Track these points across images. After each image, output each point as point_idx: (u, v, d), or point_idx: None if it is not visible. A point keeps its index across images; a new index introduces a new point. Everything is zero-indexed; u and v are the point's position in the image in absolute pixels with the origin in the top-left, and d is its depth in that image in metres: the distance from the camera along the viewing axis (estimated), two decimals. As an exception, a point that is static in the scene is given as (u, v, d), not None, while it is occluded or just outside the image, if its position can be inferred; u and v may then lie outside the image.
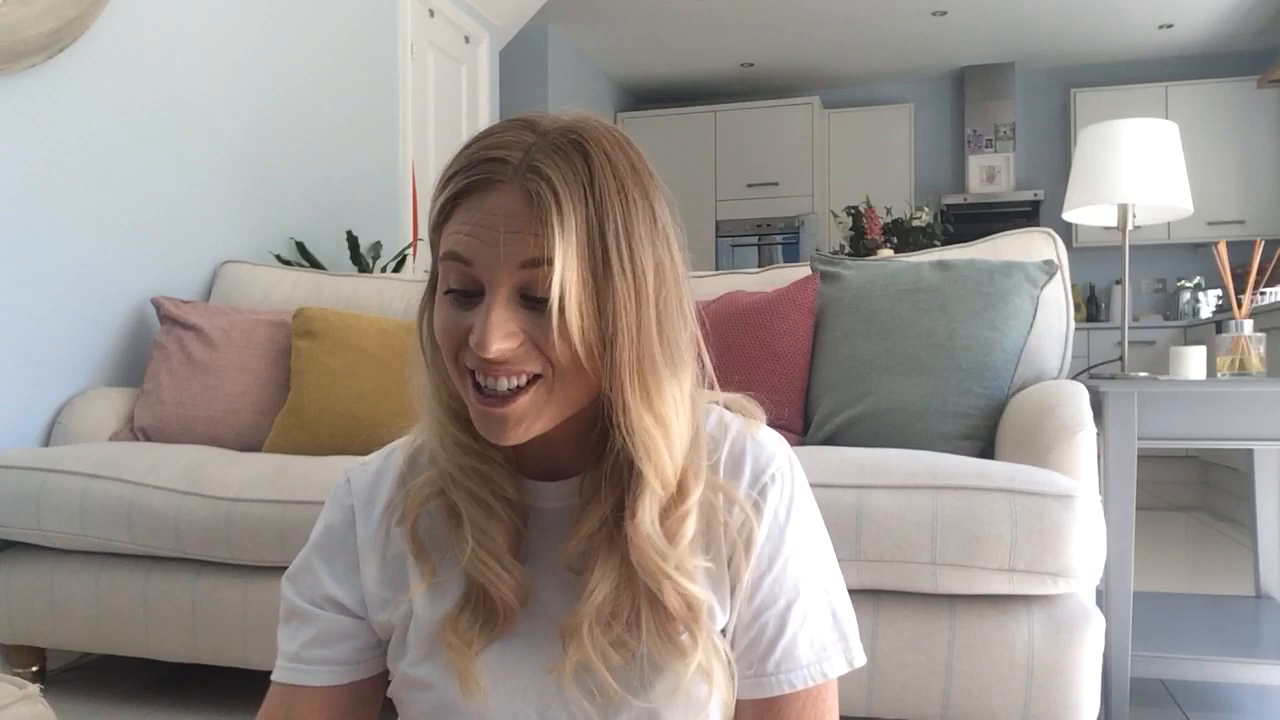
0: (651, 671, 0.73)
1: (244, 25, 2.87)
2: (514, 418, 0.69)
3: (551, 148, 0.68)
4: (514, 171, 0.68)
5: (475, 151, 0.70)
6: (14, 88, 2.17)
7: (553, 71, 5.69)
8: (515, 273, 0.67)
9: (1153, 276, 6.32)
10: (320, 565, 0.83)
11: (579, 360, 0.68)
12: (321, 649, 0.82)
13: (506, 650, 0.76)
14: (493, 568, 0.74)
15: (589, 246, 0.67)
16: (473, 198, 0.69)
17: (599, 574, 0.72)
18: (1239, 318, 2.06)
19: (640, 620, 0.72)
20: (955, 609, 1.50)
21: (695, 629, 0.72)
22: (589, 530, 0.73)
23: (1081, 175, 2.23)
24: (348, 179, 3.39)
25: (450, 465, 0.76)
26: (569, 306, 0.66)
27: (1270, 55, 6.01)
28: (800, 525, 0.78)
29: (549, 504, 0.78)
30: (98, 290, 2.38)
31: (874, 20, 5.68)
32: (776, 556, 0.76)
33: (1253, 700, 1.98)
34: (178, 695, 2.03)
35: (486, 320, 0.67)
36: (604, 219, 0.67)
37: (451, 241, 0.69)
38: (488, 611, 0.75)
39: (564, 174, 0.67)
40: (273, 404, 2.23)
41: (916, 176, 6.65)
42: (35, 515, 1.88)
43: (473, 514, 0.74)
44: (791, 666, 0.76)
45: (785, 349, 1.95)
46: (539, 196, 0.66)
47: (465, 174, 0.69)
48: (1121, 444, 1.76)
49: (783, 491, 0.77)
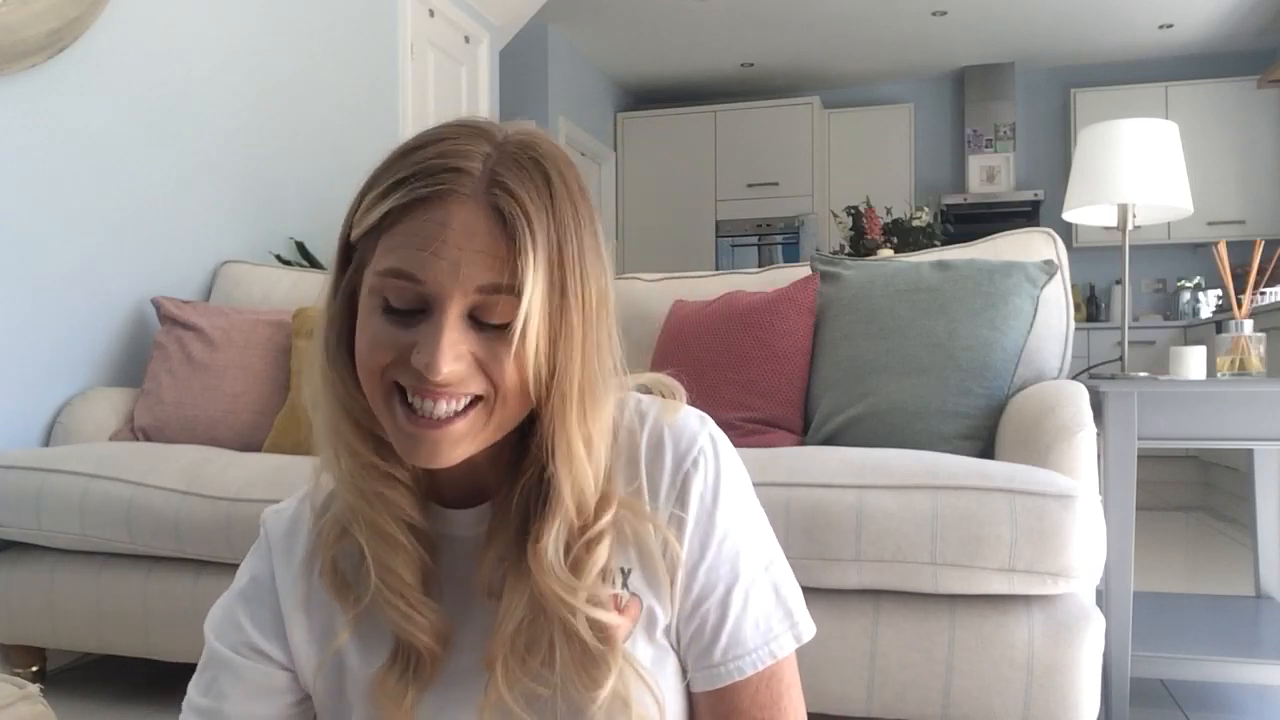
0: (565, 707, 0.69)
1: (244, 25, 2.87)
2: (449, 440, 0.65)
3: (513, 163, 0.65)
4: (476, 185, 0.64)
5: (430, 158, 0.65)
6: (14, 88, 2.17)
7: (553, 71, 5.69)
8: (470, 295, 0.63)
9: (1153, 276, 6.32)
10: (245, 618, 0.77)
11: (518, 386, 0.65)
12: (247, 702, 0.75)
13: (439, 692, 0.72)
14: (400, 608, 0.69)
15: (549, 272, 0.64)
16: (427, 208, 0.63)
17: (507, 602, 0.68)
18: (1239, 318, 2.06)
19: (554, 653, 0.68)
20: (955, 609, 1.50)
21: (610, 658, 0.68)
22: (497, 554, 0.70)
23: (1081, 175, 2.23)
24: (348, 179, 3.36)
25: (350, 491, 0.70)
26: (530, 331, 0.63)
27: (1270, 55, 6.01)
28: (729, 505, 0.73)
29: (465, 532, 0.74)
30: (98, 290, 2.37)
31: (874, 20, 5.68)
32: (709, 542, 0.72)
33: (1253, 700, 1.98)
34: (178, 695, 2.02)
35: (438, 342, 0.62)
36: (564, 244, 0.65)
37: (399, 257, 0.63)
38: (414, 660, 0.71)
39: (529, 194, 0.64)
40: (273, 404, 2.23)
41: (916, 176, 6.65)
42: (35, 515, 1.88)
43: (375, 548, 0.69)
44: (739, 653, 0.73)
45: (785, 349, 1.95)
46: (510, 217, 0.63)
47: (419, 181, 0.64)
48: (1121, 444, 1.76)
49: (706, 474, 0.73)
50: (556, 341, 0.65)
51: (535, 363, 0.64)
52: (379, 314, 0.65)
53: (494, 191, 0.64)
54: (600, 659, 0.68)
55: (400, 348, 0.64)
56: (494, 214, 0.63)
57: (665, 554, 0.72)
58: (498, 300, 0.63)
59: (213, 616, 0.79)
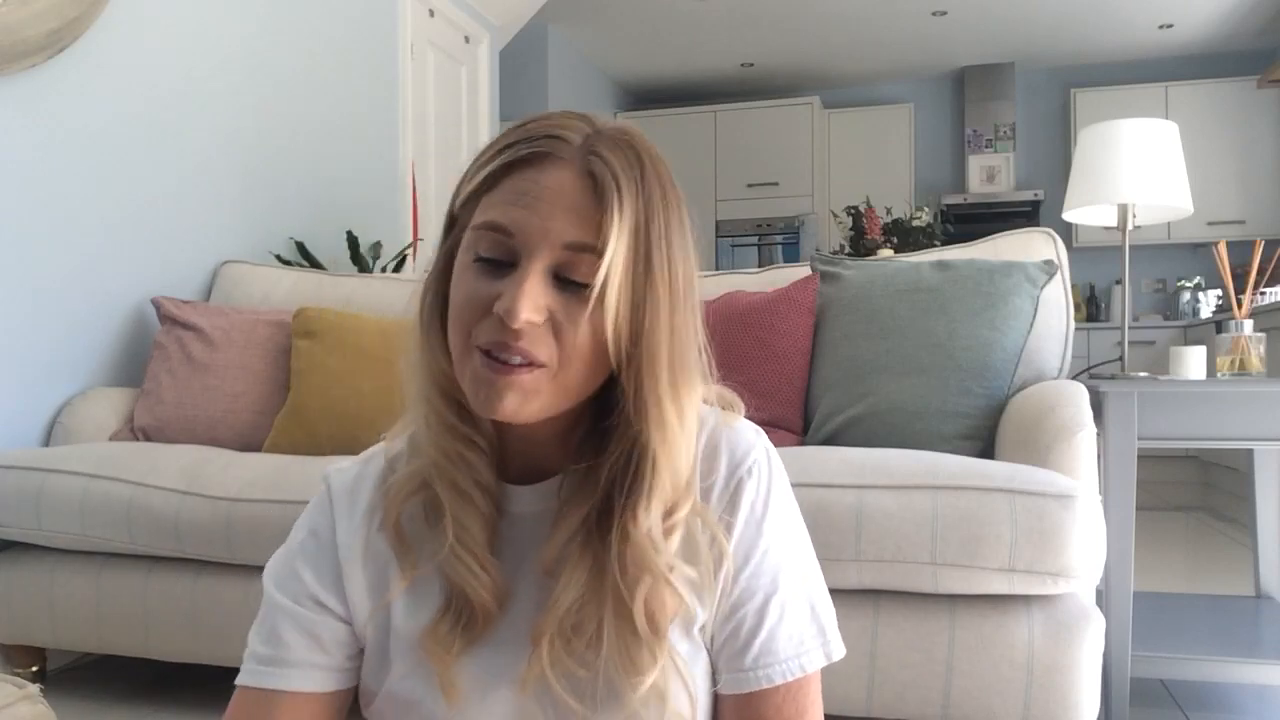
0: (605, 690, 0.71)
1: (244, 25, 2.87)
2: (517, 390, 0.67)
3: (609, 141, 0.70)
4: (575, 152, 0.69)
5: (534, 127, 0.70)
6: (14, 88, 2.17)
7: (553, 71, 5.69)
8: (557, 251, 0.67)
9: (1153, 276, 6.32)
10: (305, 570, 0.79)
11: (589, 353, 0.68)
12: (309, 652, 0.77)
13: (484, 657, 0.74)
14: (470, 566, 0.72)
15: (635, 240, 0.68)
16: (527, 169, 0.68)
17: (566, 579, 0.71)
18: (1239, 318, 2.06)
19: (603, 635, 0.70)
20: (955, 609, 1.50)
21: (657, 647, 0.70)
22: (568, 532, 0.72)
23: (1081, 175, 2.23)
24: (348, 179, 3.39)
25: (434, 449, 0.74)
26: (609, 293, 0.66)
27: (1270, 55, 6.01)
28: (777, 518, 0.76)
29: (525, 508, 0.77)
30: (98, 290, 2.38)
31: (874, 20, 5.68)
32: (754, 550, 0.75)
33: (1253, 700, 1.98)
34: (178, 695, 2.03)
35: (520, 288, 0.66)
36: (650, 218, 0.69)
37: (496, 212, 0.68)
38: (468, 616, 0.73)
39: (621, 165, 0.68)
40: (273, 404, 2.23)
41: (916, 176, 6.65)
42: (35, 515, 1.88)
43: (454, 506, 0.73)
44: (769, 661, 0.74)
45: (785, 349, 1.95)
46: (601, 179, 0.67)
47: (524, 145, 0.69)
48: (1121, 444, 1.76)
49: (759, 484, 0.75)
50: (640, 308, 0.68)
51: (615, 326, 0.67)
52: (471, 268, 0.69)
53: (589, 158, 0.68)
54: (647, 646, 0.70)
55: (487, 300, 0.68)
56: (586, 178, 0.68)
57: (712, 550, 0.74)
58: (582, 259, 0.67)
59: (273, 570, 0.81)
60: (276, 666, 0.77)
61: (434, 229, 4.08)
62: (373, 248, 3.26)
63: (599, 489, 0.72)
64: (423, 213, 3.95)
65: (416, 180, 3.86)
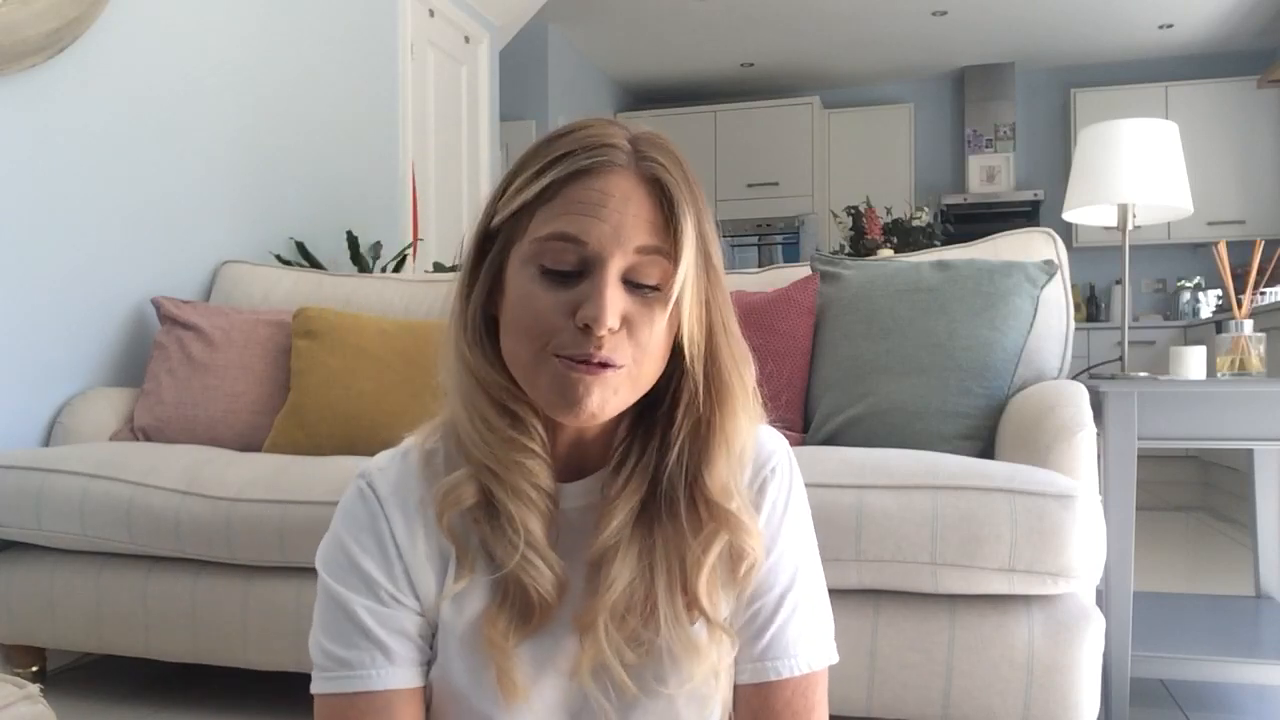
0: (670, 663, 0.74)
1: (244, 25, 2.87)
2: (602, 386, 0.70)
3: (650, 145, 0.73)
4: (628, 158, 0.71)
5: (583, 137, 0.71)
6: (14, 88, 2.17)
7: (553, 71, 5.68)
8: (629, 256, 0.69)
9: (1153, 276, 6.32)
10: (375, 570, 0.77)
11: (661, 351, 0.72)
12: (400, 647, 0.77)
13: (536, 647, 0.76)
14: (536, 565, 0.74)
15: (696, 239, 0.71)
16: (586, 178, 0.70)
17: (619, 565, 0.74)
18: (1239, 318, 2.06)
19: (658, 613, 0.73)
20: (955, 609, 1.50)
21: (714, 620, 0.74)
22: (620, 522, 0.75)
23: (1081, 175, 2.23)
24: (348, 179, 3.39)
25: (488, 458, 0.74)
26: (686, 295, 0.70)
27: (1270, 55, 6.01)
28: (795, 519, 0.81)
29: (573, 503, 0.79)
30: (98, 290, 2.38)
31: (874, 20, 5.68)
32: (772, 547, 0.78)
33: (1253, 700, 1.98)
34: (178, 695, 2.03)
35: (603, 296, 0.68)
36: (702, 217, 0.72)
37: (562, 222, 0.69)
38: (524, 608, 0.75)
39: (673, 168, 0.71)
40: (273, 404, 2.23)
41: (916, 176, 6.65)
42: (35, 515, 1.88)
43: (516, 509, 0.74)
44: (780, 654, 0.78)
45: (785, 349, 1.95)
46: (666, 184, 0.70)
47: (579, 155, 0.70)
48: (1121, 444, 1.76)
49: (780, 485, 0.80)
50: (708, 303, 0.73)
51: (690, 324, 0.71)
52: (537, 281, 0.71)
53: (645, 164, 0.71)
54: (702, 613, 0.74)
55: (562, 311, 0.70)
56: (647, 183, 0.71)
57: None
58: (652, 262, 0.70)
59: (337, 574, 0.78)
60: (362, 669, 0.76)
61: (434, 229, 4.09)
62: (373, 248, 3.26)
63: (647, 477, 0.76)
64: (423, 213, 3.95)
65: (416, 180, 3.86)
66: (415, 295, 2.45)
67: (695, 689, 0.75)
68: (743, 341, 0.77)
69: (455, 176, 4.33)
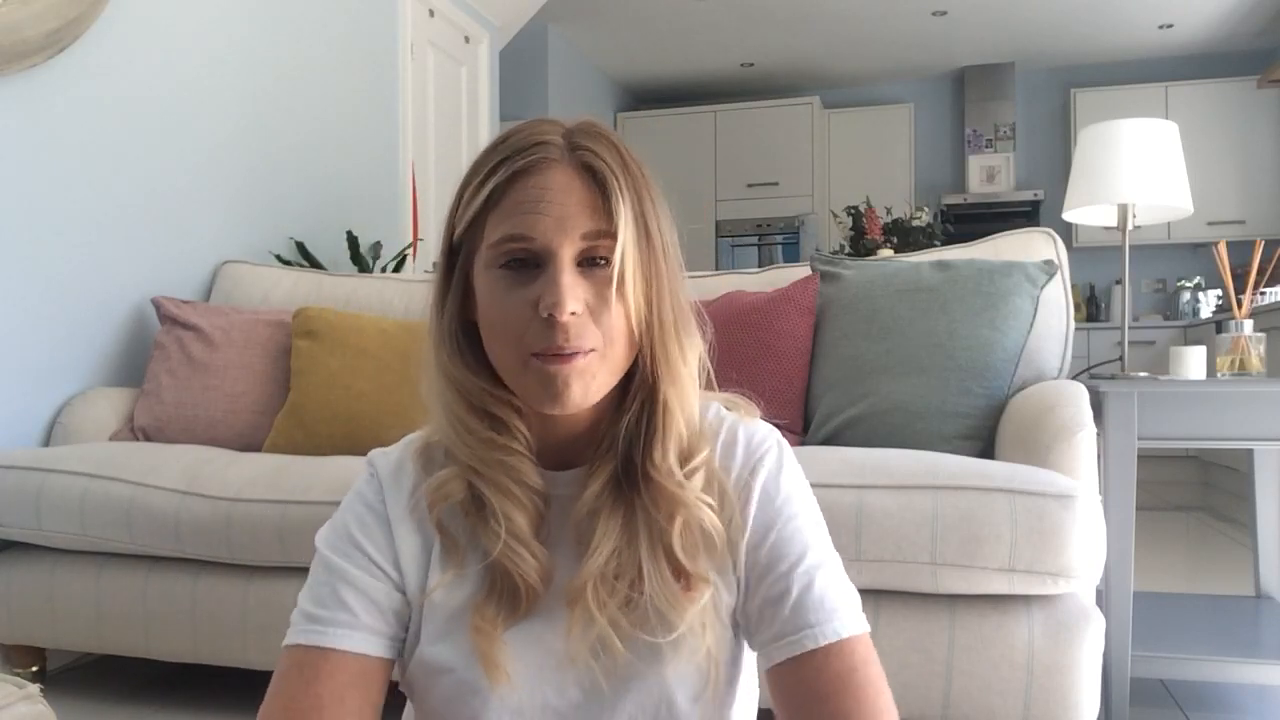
0: (657, 618, 0.76)
1: (244, 25, 2.87)
2: (579, 375, 0.72)
3: (584, 134, 0.76)
4: (561, 151, 0.74)
5: (515, 141, 0.75)
6: (14, 88, 2.17)
7: (553, 71, 5.68)
8: (576, 243, 0.72)
9: (1153, 276, 6.31)
10: (363, 538, 0.81)
11: (624, 329, 0.74)
12: (365, 614, 0.79)
13: (525, 630, 0.78)
14: (520, 553, 0.77)
15: (635, 217, 0.74)
16: (525, 178, 0.73)
17: (601, 531, 0.77)
18: (1239, 318, 2.06)
19: (643, 575, 0.76)
20: (955, 609, 1.50)
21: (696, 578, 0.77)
22: (595, 490, 0.78)
23: (1081, 175, 2.23)
24: (348, 179, 3.39)
25: (474, 460, 0.78)
26: (628, 270, 0.73)
27: (1270, 55, 6.01)
28: (792, 496, 0.82)
29: (562, 491, 0.81)
30: (98, 290, 2.38)
31: (874, 20, 5.68)
32: (771, 525, 0.80)
33: (1253, 700, 1.98)
34: (178, 695, 2.03)
35: (559, 283, 0.71)
36: (642, 196, 0.75)
37: (509, 224, 0.73)
38: (511, 596, 0.78)
39: (607, 153, 0.74)
40: (273, 404, 2.23)
41: (916, 176, 6.65)
42: (35, 515, 1.88)
43: (500, 503, 0.77)
44: (799, 625, 0.76)
45: (785, 349, 1.95)
46: (599, 170, 0.73)
47: (515, 159, 0.74)
48: (1121, 444, 1.76)
49: (770, 467, 0.82)
50: (650, 280, 0.75)
51: (635, 298, 0.74)
52: (501, 283, 0.74)
53: (578, 153, 0.74)
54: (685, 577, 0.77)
55: (527, 306, 0.73)
56: (582, 171, 0.74)
57: (729, 529, 0.79)
58: (599, 245, 0.73)
59: (327, 537, 0.83)
60: (331, 626, 0.78)
61: (434, 229, 4.09)
62: (373, 248, 3.26)
63: (617, 447, 0.79)
64: (423, 213, 3.95)
65: (416, 180, 3.86)
66: (415, 295, 2.45)
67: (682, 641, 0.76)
68: (691, 319, 0.79)
69: (455, 177, 4.25)
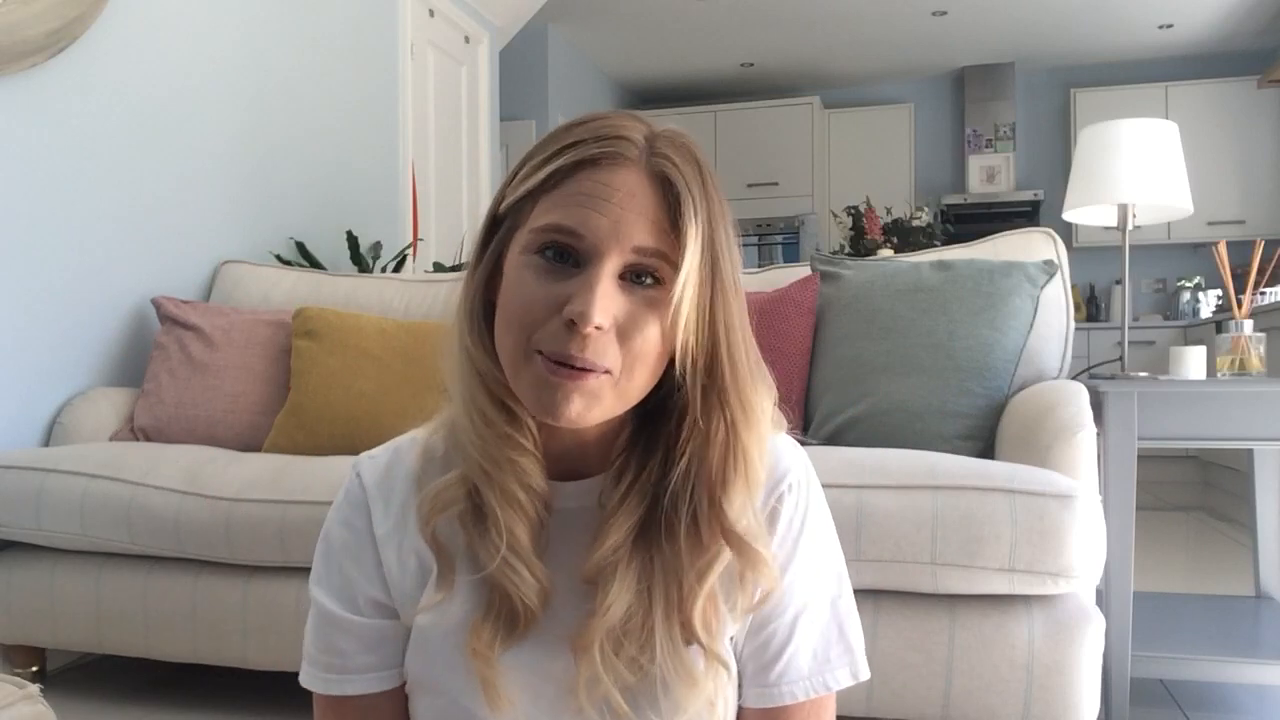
0: (663, 692, 0.71)
1: (244, 25, 2.87)
2: (583, 393, 0.66)
3: (669, 143, 0.69)
4: (640, 153, 0.67)
5: (596, 126, 0.68)
6: (14, 88, 2.17)
7: (553, 71, 5.68)
8: (626, 254, 0.66)
9: (1153, 276, 6.31)
10: (351, 567, 0.78)
11: (654, 359, 0.68)
12: (367, 656, 0.78)
13: (521, 654, 0.74)
14: (519, 570, 0.71)
15: (704, 245, 0.67)
16: (592, 170, 0.66)
17: (618, 588, 0.70)
18: (1239, 318, 2.06)
19: (654, 639, 0.70)
20: (955, 609, 1.50)
21: (714, 649, 0.71)
22: (616, 541, 0.71)
23: (1081, 175, 2.23)
24: (348, 179, 3.38)
25: (481, 455, 0.71)
26: (685, 302, 0.65)
27: (1270, 55, 6.00)
28: (812, 536, 0.76)
29: (567, 504, 0.76)
30: (98, 290, 2.37)
31: (874, 20, 5.68)
32: (788, 566, 0.75)
33: (1253, 700, 1.98)
34: (178, 695, 2.03)
35: (593, 292, 0.64)
36: (715, 224, 0.68)
37: (560, 214, 0.66)
38: (509, 617, 0.73)
39: (688, 169, 0.67)
40: (273, 404, 2.23)
41: (916, 176, 6.64)
42: (35, 515, 1.88)
43: (504, 513, 0.71)
44: (794, 678, 0.75)
45: (785, 349, 1.95)
46: (675, 183, 0.66)
47: (588, 144, 0.67)
48: (1121, 444, 1.76)
49: (798, 502, 0.75)
50: (712, 313, 0.68)
51: (686, 334, 0.67)
52: (531, 270, 0.67)
53: (656, 160, 0.67)
54: (701, 644, 0.71)
55: (551, 304, 0.66)
56: (656, 182, 0.67)
57: None
58: (649, 263, 0.66)
59: (319, 575, 0.80)
60: (339, 674, 0.78)
61: (434, 229, 4.10)
62: (373, 248, 3.26)
63: (647, 494, 0.72)
64: (423, 213, 3.95)
65: (416, 180, 3.86)
66: (415, 295, 2.45)
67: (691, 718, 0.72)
68: (761, 363, 0.72)
69: (455, 176, 4.33)
